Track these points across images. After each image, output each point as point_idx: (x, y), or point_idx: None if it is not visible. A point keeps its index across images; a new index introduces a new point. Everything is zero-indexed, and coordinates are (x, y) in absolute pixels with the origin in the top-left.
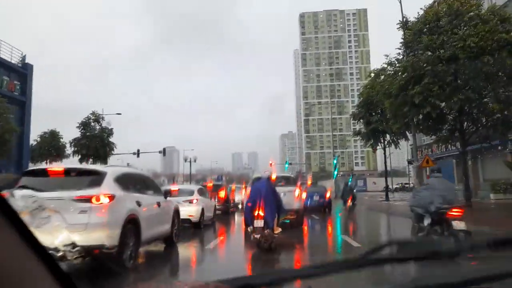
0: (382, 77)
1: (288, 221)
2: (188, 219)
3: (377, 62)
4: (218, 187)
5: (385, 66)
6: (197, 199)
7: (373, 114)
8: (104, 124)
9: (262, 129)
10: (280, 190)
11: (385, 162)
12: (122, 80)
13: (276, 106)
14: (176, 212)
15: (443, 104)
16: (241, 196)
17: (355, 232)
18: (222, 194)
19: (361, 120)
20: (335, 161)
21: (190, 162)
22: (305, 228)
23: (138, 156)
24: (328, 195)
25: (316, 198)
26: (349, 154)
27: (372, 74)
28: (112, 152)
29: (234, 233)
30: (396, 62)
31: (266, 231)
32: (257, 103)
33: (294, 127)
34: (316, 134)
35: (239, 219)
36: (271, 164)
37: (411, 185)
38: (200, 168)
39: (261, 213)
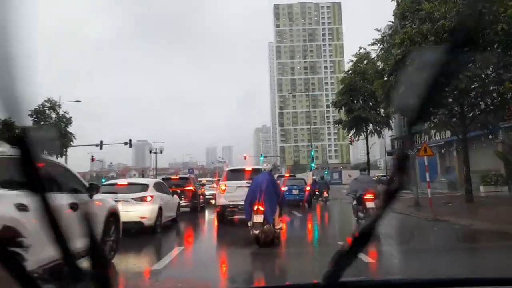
0: (366, 61)
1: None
2: (140, 222)
3: (351, 56)
4: (185, 181)
5: (369, 51)
6: (151, 196)
7: (355, 101)
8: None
9: (236, 123)
10: None
11: (368, 153)
12: (92, 73)
13: (251, 100)
14: (112, 216)
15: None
16: (213, 190)
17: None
18: (189, 188)
19: (343, 108)
20: (312, 153)
21: (156, 153)
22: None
23: (101, 147)
24: (308, 188)
25: (295, 192)
26: (323, 148)
27: (354, 59)
28: (71, 143)
29: (202, 236)
30: (388, 38)
31: (266, 226)
32: (231, 97)
33: (269, 121)
34: (291, 128)
35: (210, 216)
36: (245, 157)
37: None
38: (173, 162)
39: (261, 208)
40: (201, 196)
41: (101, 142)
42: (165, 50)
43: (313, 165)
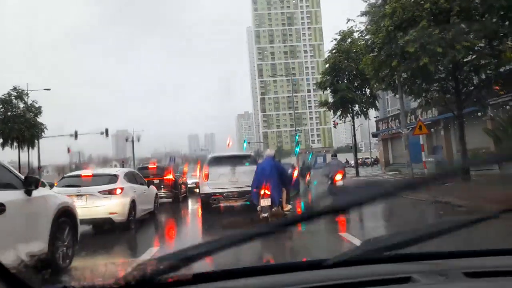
0: (349, 40)
1: (248, 203)
2: (109, 219)
3: (330, 39)
4: (163, 170)
5: (352, 29)
6: (121, 188)
7: (340, 81)
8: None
9: (218, 110)
10: (241, 170)
11: (354, 135)
12: (68, 61)
13: (232, 87)
14: (65, 215)
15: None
16: (196, 178)
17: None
18: (168, 177)
19: (328, 89)
20: (297, 137)
21: (133, 142)
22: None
23: (76, 137)
24: (295, 174)
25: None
26: (305, 132)
27: (338, 37)
28: (43, 134)
29: (184, 229)
30: (378, 8)
31: (274, 209)
32: (212, 84)
33: (251, 107)
34: (273, 113)
35: (193, 206)
36: (228, 144)
37: (372, 159)
38: (154, 151)
39: (267, 192)
40: (182, 186)
41: (76, 132)
42: (141, 37)
43: (297, 149)
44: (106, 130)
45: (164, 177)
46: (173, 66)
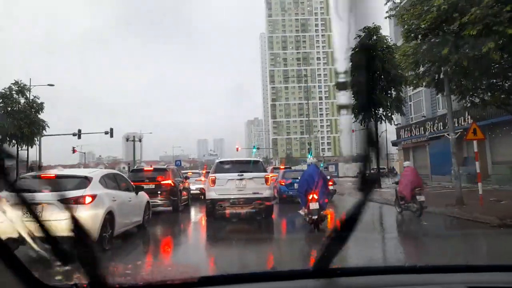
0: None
1: (254, 210)
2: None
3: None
4: (160, 173)
5: (378, 25)
6: (92, 196)
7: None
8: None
9: (228, 116)
10: (248, 176)
11: (377, 140)
12: (83, 64)
13: (243, 93)
14: None
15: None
16: (201, 184)
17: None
18: (166, 182)
19: (349, 90)
20: (310, 155)
21: (134, 142)
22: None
23: (79, 137)
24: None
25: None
26: (316, 140)
27: (362, 34)
28: (44, 131)
29: (179, 250)
30: None
31: (322, 213)
32: (223, 90)
33: (261, 113)
34: (283, 120)
35: (196, 217)
36: (237, 149)
37: (387, 169)
38: (164, 155)
39: (315, 197)
40: (184, 192)
41: (79, 131)
42: (155, 43)
43: (310, 156)
44: (111, 130)
45: (162, 182)
46: (185, 71)
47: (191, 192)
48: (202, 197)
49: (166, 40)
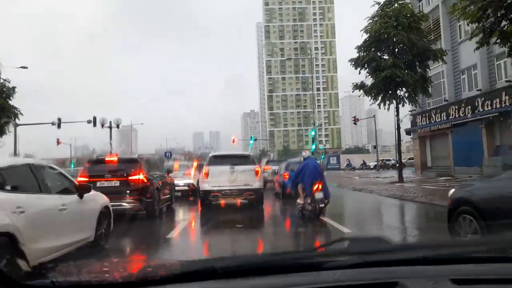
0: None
1: (246, 200)
2: None
3: (342, 37)
4: (129, 165)
5: None
6: None
7: (385, 56)
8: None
9: (224, 108)
10: (240, 169)
11: (398, 128)
12: (83, 57)
13: (239, 85)
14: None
15: None
16: (190, 179)
17: None
18: (135, 178)
19: (366, 67)
20: (312, 133)
21: (111, 128)
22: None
23: (59, 126)
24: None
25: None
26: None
27: (380, 1)
28: (18, 120)
29: None
30: None
31: (326, 201)
32: (219, 82)
33: (257, 106)
34: (280, 111)
35: (181, 224)
36: (233, 140)
37: (393, 161)
38: (159, 147)
39: (320, 187)
40: (165, 190)
41: (59, 119)
42: (149, 33)
43: (313, 147)
44: (94, 119)
45: (130, 177)
46: (180, 63)
47: (177, 188)
48: (191, 194)
49: (161, 33)
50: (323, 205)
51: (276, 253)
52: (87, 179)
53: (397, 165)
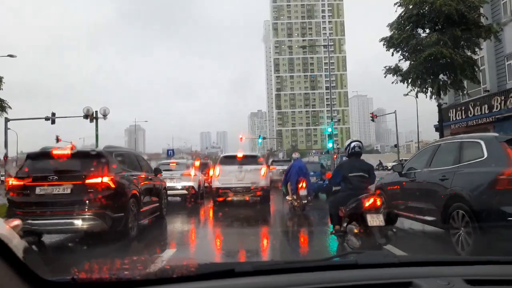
0: None
1: (253, 197)
2: None
3: (352, 34)
4: (87, 160)
5: None
6: None
7: (427, 31)
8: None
9: (231, 108)
10: (247, 168)
11: (440, 121)
12: (85, 57)
13: (246, 84)
14: None
15: None
16: (190, 181)
17: None
18: (96, 181)
19: (401, 48)
20: (329, 130)
21: (97, 119)
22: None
23: (53, 122)
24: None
25: (312, 179)
26: (321, 132)
27: None
28: (5, 113)
29: None
30: None
31: (309, 198)
32: (227, 82)
33: (264, 105)
34: (288, 110)
35: (175, 250)
36: (241, 139)
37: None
38: (166, 147)
39: (304, 185)
40: (150, 197)
41: (53, 114)
42: (155, 33)
43: (330, 145)
44: (92, 114)
45: (87, 180)
46: (187, 63)
47: (173, 193)
48: (193, 200)
49: (166, 32)
50: (306, 201)
51: (289, 261)
52: (21, 183)
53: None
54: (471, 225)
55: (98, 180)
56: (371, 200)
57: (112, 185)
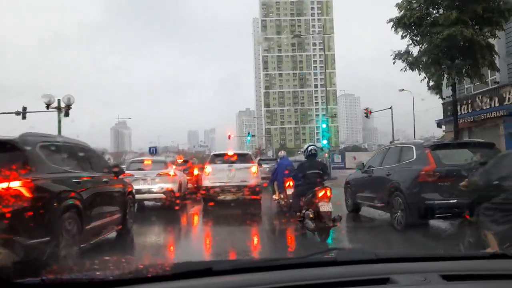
0: None
1: (243, 196)
2: None
3: (340, 33)
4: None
5: None
6: None
7: (442, 11)
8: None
9: (219, 106)
10: (238, 166)
11: (456, 113)
12: (74, 57)
13: (234, 83)
14: None
15: None
16: (168, 182)
17: None
18: (7, 186)
19: (413, 29)
20: (324, 126)
21: (59, 107)
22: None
23: (23, 117)
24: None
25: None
26: (311, 129)
27: None
28: None
29: None
30: None
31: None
32: (214, 80)
33: (253, 104)
34: (277, 108)
35: None
36: (229, 136)
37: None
38: (152, 146)
39: (291, 184)
40: (104, 206)
41: (24, 109)
42: (142, 30)
43: (325, 142)
44: (67, 108)
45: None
46: (174, 61)
47: (147, 197)
48: (171, 205)
49: (153, 29)
50: (291, 200)
51: (268, 259)
52: None
53: None
54: (403, 208)
55: (3, 185)
56: (323, 191)
57: (27, 194)
